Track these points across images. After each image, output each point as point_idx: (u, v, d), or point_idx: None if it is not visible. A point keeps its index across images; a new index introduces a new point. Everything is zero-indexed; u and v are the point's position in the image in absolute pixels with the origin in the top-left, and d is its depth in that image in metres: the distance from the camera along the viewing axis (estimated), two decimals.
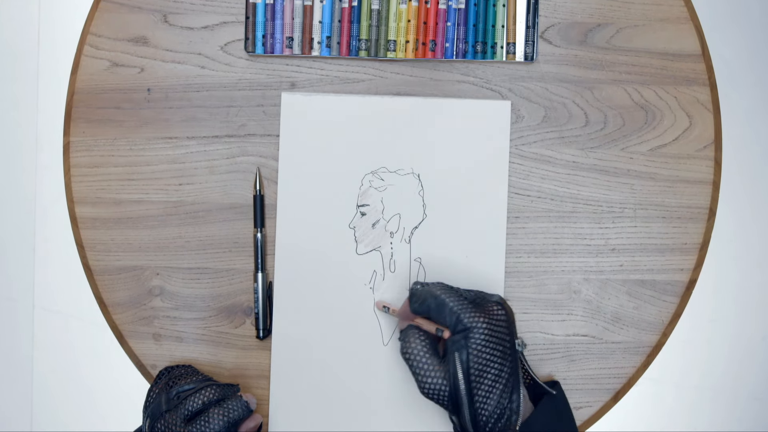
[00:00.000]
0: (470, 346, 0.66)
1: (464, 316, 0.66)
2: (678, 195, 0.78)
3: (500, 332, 0.67)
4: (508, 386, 0.67)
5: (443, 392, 0.67)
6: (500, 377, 0.66)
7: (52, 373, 1.63)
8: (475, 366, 0.66)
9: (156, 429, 0.67)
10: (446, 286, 0.70)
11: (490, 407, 0.66)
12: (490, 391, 0.66)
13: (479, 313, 0.67)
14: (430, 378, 0.67)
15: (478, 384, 0.66)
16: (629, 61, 0.79)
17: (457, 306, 0.67)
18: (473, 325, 0.66)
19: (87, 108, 0.80)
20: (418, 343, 0.68)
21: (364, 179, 0.78)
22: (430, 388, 0.67)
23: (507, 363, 0.67)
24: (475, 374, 0.66)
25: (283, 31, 0.78)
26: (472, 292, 0.71)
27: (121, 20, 0.80)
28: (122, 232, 0.79)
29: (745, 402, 1.58)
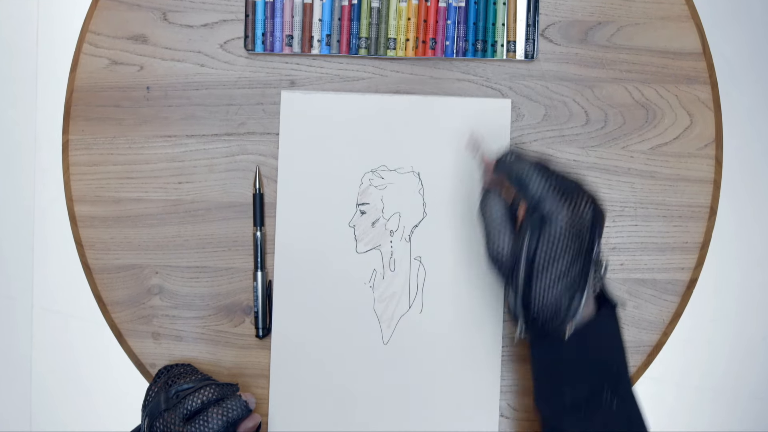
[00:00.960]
0: (543, 232, 0.63)
1: (547, 200, 0.63)
2: (679, 194, 0.78)
3: (579, 230, 0.63)
4: (571, 287, 0.64)
5: (505, 265, 0.66)
6: (565, 275, 0.63)
7: (51, 372, 1.63)
8: (542, 254, 0.63)
9: (155, 428, 0.67)
10: (539, 162, 0.66)
11: (545, 300, 0.64)
12: (550, 285, 0.63)
13: (564, 203, 0.63)
14: (498, 245, 0.66)
15: (540, 274, 0.63)
16: (630, 59, 0.78)
17: (543, 187, 0.64)
18: (553, 212, 0.63)
19: (86, 106, 0.80)
20: (496, 205, 0.67)
21: (364, 178, 0.78)
22: (495, 255, 0.66)
23: (577, 263, 0.63)
24: (539, 262, 0.63)
25: (282, 29, 0.78)
26: (570, 180, 0.66)
27: (121, 18, 0.80)
28: (121, 231, 0.79)
29: (745, 402, 1.58)
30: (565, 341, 0.65)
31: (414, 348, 0.78)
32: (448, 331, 0.78)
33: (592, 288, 0.66)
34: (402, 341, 0.78)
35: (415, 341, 0.77)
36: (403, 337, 0.78)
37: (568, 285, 0.63)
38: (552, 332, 0.65)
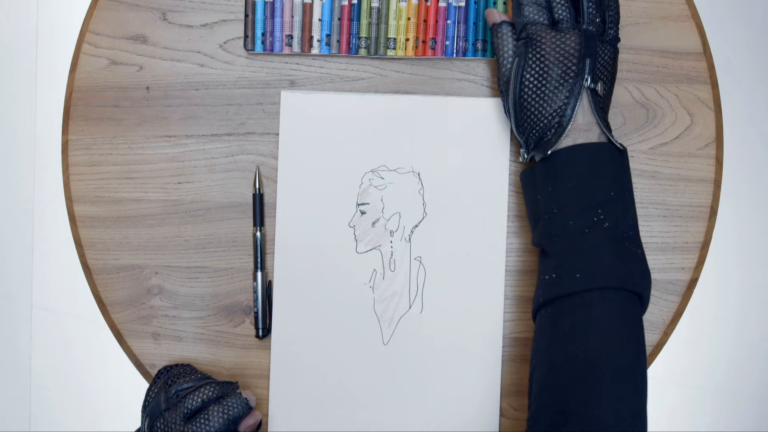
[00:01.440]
0: (527, 55, 0.69)
1: (530, 26, 0.69)
2: (679, 193, 0.78)
3: (565, 55, 0.68)
4: (560, 109, 0.67)
5: (506, 86, 0.71)
6: (552, 96, 0.67)
7: (51, 372, 1.63)
8: (528, 75, 0.68)
9: (155, 428, 0.67)
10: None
11: (534, 118, 0.68)
12: (538, 104, 0.68)
13: (545, 29, 0.69)
14: (502, 69, 0.71)
15: (526, 93, 0.69)
16: (630, 59, 0.78)
17: (530, 16, 0.69)
18: (534, 37, 0.68)
19: (85, 106, 0.79)
20: (505, 35, 0.72)
21: (364, 178, 0.78)
22: (500, 79, 0.72)
23: (564, 87, 0.67)
24: (526, 84, 0.68)
25: (282, 29, 0.78)
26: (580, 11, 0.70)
27: (120, 18, 0.80)
28: (121, 231, 0.79)
29: (746, 401, 1.57)
30: (556, 160, 0.68)
31: (414, 348, 0.77)
32: (449, 331, 0.77)
33: (588, 119, 0.68)
34: (402, 341, 0.77)
35: (415, 341, 0.77)
36: (403, 337, 0.77)
37: (555, 108, 0.68)
38: (541, 151, 0.69)
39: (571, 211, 0.67)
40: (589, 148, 0.68)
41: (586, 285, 0.65)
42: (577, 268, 0.66)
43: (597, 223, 0.66)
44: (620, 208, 0.67)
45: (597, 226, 0.66)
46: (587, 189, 0.67)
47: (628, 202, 0.69)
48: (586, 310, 0.65)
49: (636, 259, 0.67)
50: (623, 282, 0.65)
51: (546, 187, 0.69)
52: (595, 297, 0.65)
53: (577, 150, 0.68)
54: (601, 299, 0.65)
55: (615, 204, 0.67)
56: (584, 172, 0.67)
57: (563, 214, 0.67)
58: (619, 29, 0.71)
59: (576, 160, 0.68)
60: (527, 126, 0.69)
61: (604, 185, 0.67)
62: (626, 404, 0.63)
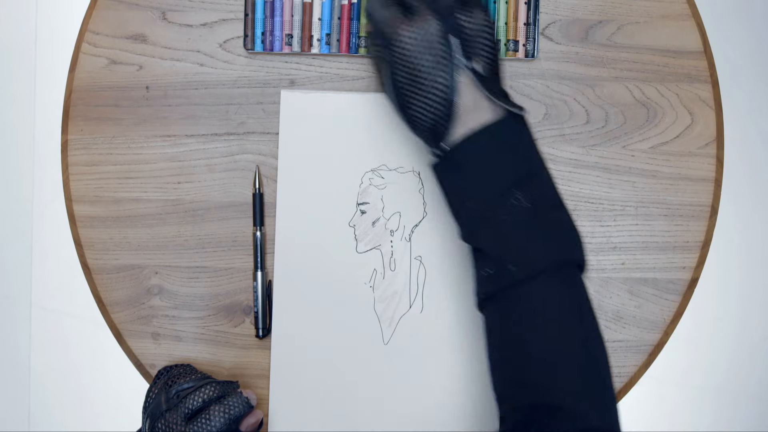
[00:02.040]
0: (393, 58, 0.64)
1: (383, 28, 0.65)
2: (680, 193, 0.78)
3: (428, 42, 0.63)
4: (444, 99, 0.64)
5: (389, 97, 0.68)
6: (431, 88, 0.64)
7: (50, 372, 1.63)
8: (400, 77, 0.65)
9: (156, 429, 0.67)
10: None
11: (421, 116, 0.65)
12: (420, 100, 0.64)
13: (398, 24, 0.64)
14: (380, 82, 0.71)
15: (407, 94, 0.65)
16: (631, 58, 0.78)
17: (378, 18, 0.65)
18: (391, 38, 0.64)
19: (85, 106, 0.79)
20: (370, 45, 0.69)
21: (364, 177, 0.78)
22: (384, 91, 0.70)
23: (439, 75, 0.63)
24: (402, 85, 0.65)
25: (282, 29, 0.78)
26: None
27: (120, 17, 0.79)
28: (121, 231, 0.79)
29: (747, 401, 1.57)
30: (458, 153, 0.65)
31: (414, 348, 0.77)
32: (449, 330, 0.77)
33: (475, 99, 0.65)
34: (402, 341, 0.77)
35: (415, 341, 0.77)
36: (404, 336, 0.77)
37: (438, 99, 0.64)
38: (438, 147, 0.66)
39: (486, 200, 0.64)
40: (486, 132, 0.64)
41: (522, 275, 0.62)
42: (508, 259, 0.62)
43: (515, 206, 0.63)
44: (536, 182, 0.64)
45: (516, 209, 0.63)
46: (496, 174, 0.64)
47: (541, 170, 0.65)
48: (527, 302, 0.62)
49: (564, 227, 0.64)
50: (557, 258, 0.62)
51: (456, 182, 0.66)
52: (533, 286, 0.62)
53: (475, 138, 0.64)
54: (540, 286, 0.62)
55: (529, 179, 0.64)
56: (488, 158, 0.64)
57: (479, 206, 0.64)
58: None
59: (477, 148, 0.64)
60: (420, 124, 0.66)
61: (513, 164, 0.64)
62: (587, 389, 0.60)
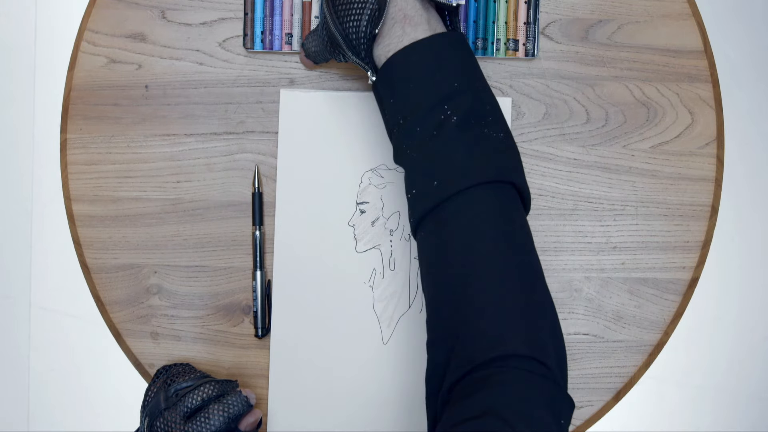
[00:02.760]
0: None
1: None
2: (680, 192, 0.78)
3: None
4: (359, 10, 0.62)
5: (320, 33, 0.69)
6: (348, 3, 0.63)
7: (49, 372, 1.63)
8: None
9: (155, 427, 0.67)
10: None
11: (352, 18, 0.63)
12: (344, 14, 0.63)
13: None
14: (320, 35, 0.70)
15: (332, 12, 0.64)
16: (631, 57, 0.78)
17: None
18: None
19: (84, 105, 0.79)
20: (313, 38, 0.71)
21: (364, 177, 0.78)
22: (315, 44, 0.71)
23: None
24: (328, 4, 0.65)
25: (282, 28, 0.78)
26: None
27: (119, 16, 0.79)
28: (120, 230, 0.79)
29: (747, 401, 1.57)
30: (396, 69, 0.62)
31: (414, 347, 0.77)
32: None
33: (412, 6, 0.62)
34: (402, 341, 0.77)
35: (414, 341, 0.77)
36: (403, 336, 0.77)
37: (356, 13, 0.62)
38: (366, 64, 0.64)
39: (417, 116, 0.60)
40: (419, 45, 0.61)
41: (447, 192, 0.58)
42: (433, 176, 0.59)
43: (445, 121, 0.59)
44: (469, 97, 0.60)
45: (445, 123, 0.59)
46: (427, 88, 0.60)
47: (477, 85, 0.62)
48: (454, 219, 0.58)
49: (498, 146, 0.60)
50: (486, 174, 0.58)
51: (388, 99, 0.63)
52: (459, 202, 0.58)
53: (408, 51, 0.61)
54: (466, 202, 0.58)
55: (462, 94, 0.60)
56: (420, 71, 0.61)
57: (409, 123, 0.61)
58: None
59: (408, 61, 0.61)
60: (348, 29, 0.63)
61: (445, 78, 0.60)
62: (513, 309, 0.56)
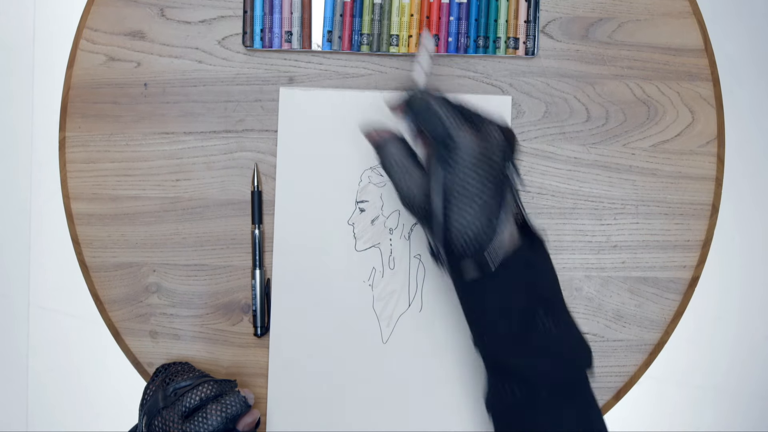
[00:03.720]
0: (455, 161, 0.62)
1: (453, 130, 0.62)
2: (680, 191, 0.78)
3: (491, 155, 0.62)
4: (487, 210, 0.62)
5: (419, 205, 0.65)
6: (480, 199, 0.62)
7: (48, 371, 1.62)
8: (456, 180, 0.62)
9: (153, 426, 0.67)
10: (444, 99, 0.65)
11: (462, 228, 0.62)
12: (465, 213, 0.62)
13: (471, 130, 0.62)
14: (410, 187, 0.65)
15: (455, 201, 0.62)
16: (631, 56, 0.78)
17: (448, 118, 0.63)
18: (461, 141, 0.62)
19: (83, 103, 0.79)
20: (396, 150, 0.66)
21: (363, 175, 0.78)
22: (409, 198, 0.65)
23: (490, 187, 0.62)
24: (454, 192, 0.62)
25: (281, 26, 0.77)
26: (474, 111, 0.65)
27: (118, 14, 0.79)
28: (118, 229, 0.79)
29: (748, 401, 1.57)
30: (490, 273, 0.62)
31: (413, 347, 0.77)
32: (448, 329, 0.77)
33: (511, 213, 0.64)
34: (401, 340, 0.77)
35: (414, 340, 0.77)
36: (403, 335, 0.77)
37: (483, 210, 0.62)
38: (474, 262, 0.63)
39: (514, 320, 0.63)
40: (521, 254, 0.63)
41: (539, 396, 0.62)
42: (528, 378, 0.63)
43: (536, 325, 0.62)
44: (557, 302, 0.65)
45: (537, 328, 0.62)
46: (525, 294, 0.63)
47: (558, 291, 0.66)
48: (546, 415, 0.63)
49: (577, 340, 0.64)
50: (568, 374, 0.63)
51: (490, 303, 0.64)
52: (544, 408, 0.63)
53: (512, 259, 0.63)
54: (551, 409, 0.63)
55: (552, 300, 0.64)
56: (521, 278, 0.63)
57: (507, 326, 0.63)
58: None
59: (514, 269, 0.63)
60: (457, 231, 0.62)
61: (540, 285, 0.64)
62: None
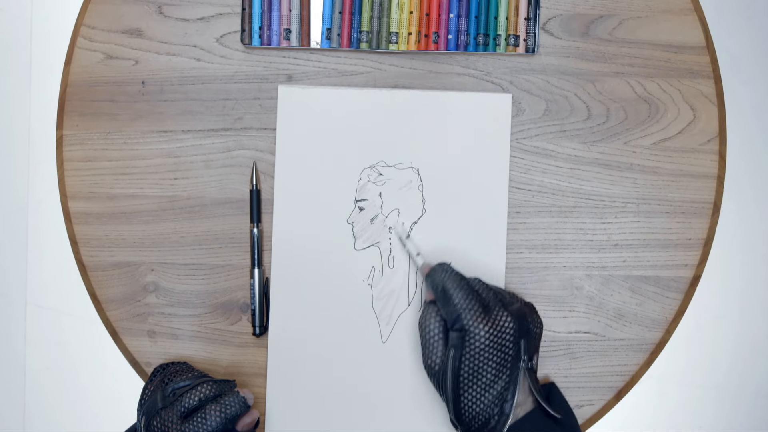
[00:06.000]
0: (465, 347, 0.65)
1: (465, 316, 0.65)
2: (682, 189, 0.77)
3: (502, 342, 0.65)
4: (500, 396, 0.66)
5: (437, 378, 0.68)
6: (492, 385, 0.65)
7: (45, 370, 1.62)
8: (466, 368, 0.65)
9: (152, 427, 0.67)
10: (464, 279, 0.69)
11: (475, 410, 0.66)
12: (479, 395, 0.65)
13: (482, 317, 0.65)
14: (431, 359, 0.68)
15: (466, 386, 0.66)
16: (632, 53, 0.77)
17: (462, 304, 0.66)
18: (471, 328, 0.65)
19: (80, 101, 0.79)
20: (432, 320, 0.69)
21: (363, 173, 0.77)
22: (430, 368, 0.68)
23: (503, 374, 0.65)
24: (464, 376, 0.65)
25: (280, 23, 0.77)
26: (497, 293, 0.69)
27: (115, 11, 0.79)
28: (116, 228, 0.78)
29: (750, 400, 1.57)
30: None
31: (413, 346, 0.77)
32: None
33: (526, 391, 0.67)
34: (401, 339, 0.77)
35: (414, 339, 0.77)
36: (402, 335, 0.77)
37: (495, 395, 0.65)
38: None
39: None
40: (530, 419, 0.66)
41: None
42: None
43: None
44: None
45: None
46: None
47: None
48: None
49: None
50: None
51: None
52: None
53: (520, 427, 0.66)
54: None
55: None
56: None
57: None
58: None
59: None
60: (469, 416, 0.66)
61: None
62: None
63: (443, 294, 0.68)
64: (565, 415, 0.70)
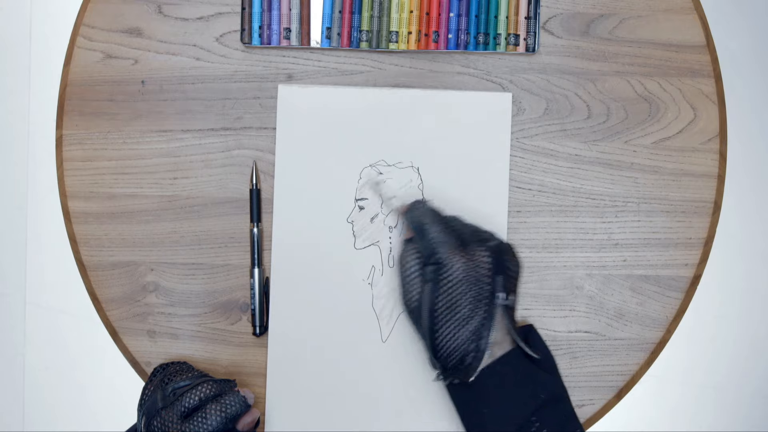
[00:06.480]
0: (440, 281, 0.65)
1: (440, 249, 0.66)
2: (682, 189, 0.77)
3: (478, 276, 0.65)
4: (476, 332, 0.65)
5: (415, 314, 0.68)
6: (468, 321, 0.65)
7: (45, 370, 1.62)
8: (441, 302, 0.65)
9: (152, 426, 0.66)
10: (440, 215, 0.69)
11: (451, 346, 0.65)
12: (454, 331, 0.65)
13: (457, 251, 0.65)
14: (409, 296, 0.68)
15: (442, 321, 0.65)
16: (632, 52, 0.77)
17: (437, 238, 0.66)
18: (446, 261, 0.65)
19: (80, 101, 0.78)
20: (410, 257, 0.69)
21: (363, 173, 0.77)
22: (407, 306, 0.69)
23: (480, 308, 0.65)
24: (440, 310, 0.65)
25: (280, 22, 0.77)
26: (475, 230, 0.69)
27: (115, 11, 0.79)
28: (116, 227, 0.78)
29: (750, 400, 1.57)
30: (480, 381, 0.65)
31: (413, 346, 0.77)
32: None
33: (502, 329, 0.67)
34: (401, 339, 0.77)
35: (414, 339, 0.77)
36: (402, 334, 0.77)
37: (472, 332, 0.65)
38: (463, 376, 0.66)
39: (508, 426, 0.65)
40: (508, 360, 0.66)
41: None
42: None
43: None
44: (553, 408, 0.66)
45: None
46: (517, 401, 0.65)
47: (558, 394, 0.67)
48: None
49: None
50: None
51: (477, 409, 0.67)
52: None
53: (497, 367, 0.66)
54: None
55: (548, 406, 0.65)
56: (510, 385, 0.65)
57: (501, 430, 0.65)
58: None
59: (498, 377, 0.66)
60: (445, 353, 0.66)
61: (533, 391, 0.65)
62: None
63: (420, 229, 0.68)
64: (544, 357, 0.70)
